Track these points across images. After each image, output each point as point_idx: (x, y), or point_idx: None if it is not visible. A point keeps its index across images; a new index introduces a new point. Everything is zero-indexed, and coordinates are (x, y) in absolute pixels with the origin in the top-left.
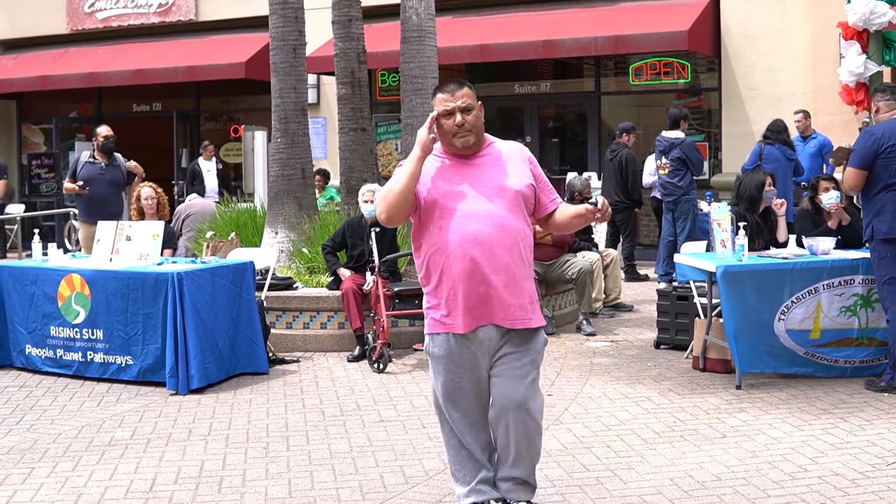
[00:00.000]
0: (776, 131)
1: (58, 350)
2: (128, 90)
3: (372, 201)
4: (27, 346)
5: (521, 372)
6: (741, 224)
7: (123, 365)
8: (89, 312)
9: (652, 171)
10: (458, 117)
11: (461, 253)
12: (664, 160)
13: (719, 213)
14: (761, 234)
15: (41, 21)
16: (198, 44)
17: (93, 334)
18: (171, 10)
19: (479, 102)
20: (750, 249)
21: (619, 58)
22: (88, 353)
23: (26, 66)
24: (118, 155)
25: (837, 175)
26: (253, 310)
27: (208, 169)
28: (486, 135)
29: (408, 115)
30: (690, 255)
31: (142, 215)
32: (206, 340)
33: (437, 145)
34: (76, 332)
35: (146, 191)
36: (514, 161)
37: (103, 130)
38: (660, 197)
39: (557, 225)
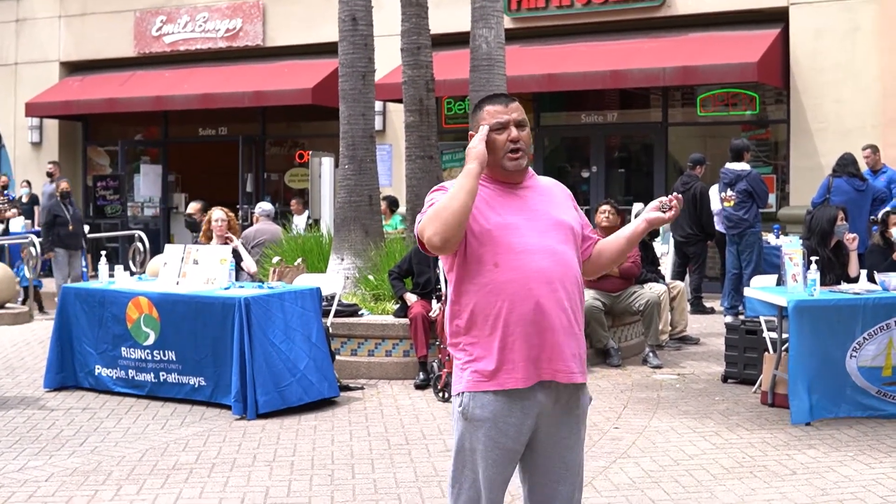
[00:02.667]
0: (844, 164)
1: (130, 371)
2: (194, 114)
3: None
4: (97, 366)
5: (573, 444)
6: (813, 258)
7: (196, 385)
8: (159, 334)
9: (715, 202)
10: (514, 131)
11: (524, 293)
12: (729, 192)
13: (791, 248)
14: (833, 268)
15: (108, 44)
16: (265, 69)
17: (164, 355)
18: (239, 36)
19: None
20: (821, 284)
21: (686, 88)
22: (161, 373)
23: (93, 88)
24: None
25: None
26: (320, 336)
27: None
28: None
29: None
30: (761, 289)
31: (209, 239)
32: (273, 366)
33: None
34: (148, 353)
35: (217, 213)
36: (558, 195)
37: None
38: (723, 230)
39: (602, 259)
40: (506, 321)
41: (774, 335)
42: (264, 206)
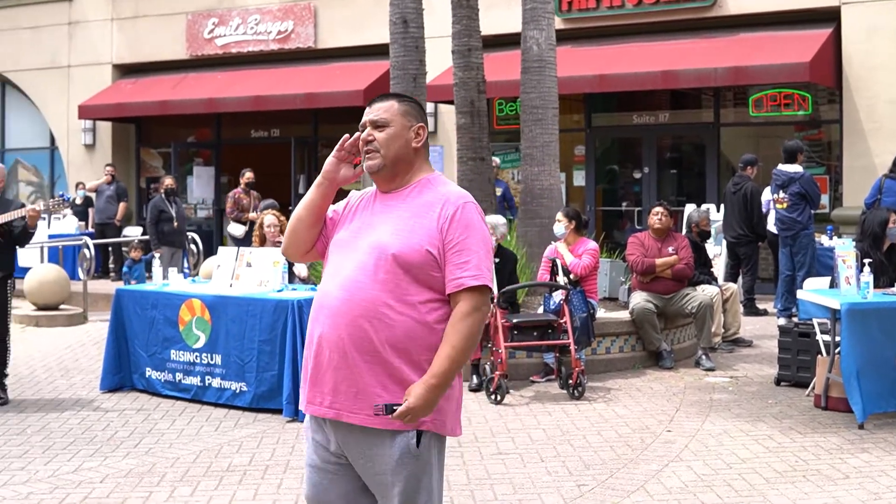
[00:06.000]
0: None
1: (177, 374)
2: (246, 116)
3: (490, 233)
4: (147, 368)
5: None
6: (866, 261)
7: (237, 391)
8: (209, 337)
9: (766, 204)
10: (366, 132)
11: (313, 320)
12: (782, 194)
13: (844, 250)
14: (885, 271)
15: (161, 46)
16: (316, 71)
17: (212, 359)
18: (291, 38)
19: (418, 124)
20: (874, 287)
21: (738, 89)
22: (206, 377)
23: (145, 90)
24: None
25: None
26: None
27: None
28: (432, 175)
29: (528, 146)
30: (814, 291)
31: (263, 242)
32: None
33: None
34: (196, 356)
35: (269, 218)
36: (426, 215)
37: None
38: (777, 231)
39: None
40: (306, 345)
41: (828, 338)
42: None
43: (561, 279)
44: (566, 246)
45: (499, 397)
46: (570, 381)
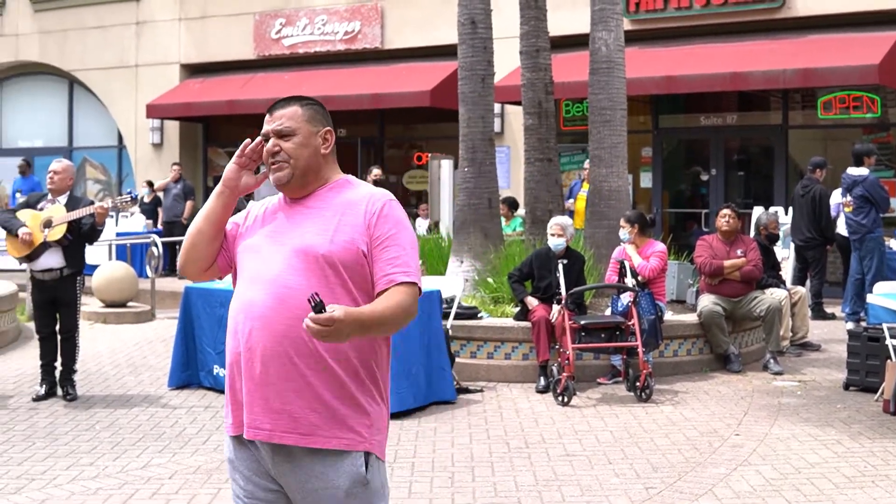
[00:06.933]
0: None
1: None
2: None
3: (559, 234)
4: (215, 366)
5: None
6: None
7: None
8: None
9: (836, 207)
10: (270, 143)
11: (233, 330)
12: (848, 197)
13: None
14: None
15: (228, 47)
16: (383, 71)
17: None
18: (358, 38)
19: (324, 129)
20: None
21: (807, 91)
22: None
23: (213, 90)
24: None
25: None
26: (441, 338)
27: None
28: (347, 176)
29: (596, 147)
30: (883, 295)
31: None
32: (398, 367)
33: None
34: None
35: None
36: (351, 212)
37: None
38: (846, 234)
39: None
40: (229, 361)
41: None
42: None
43: (629, 281)
44: (634, 248)
45: (566, 399)
46: (638, 384)
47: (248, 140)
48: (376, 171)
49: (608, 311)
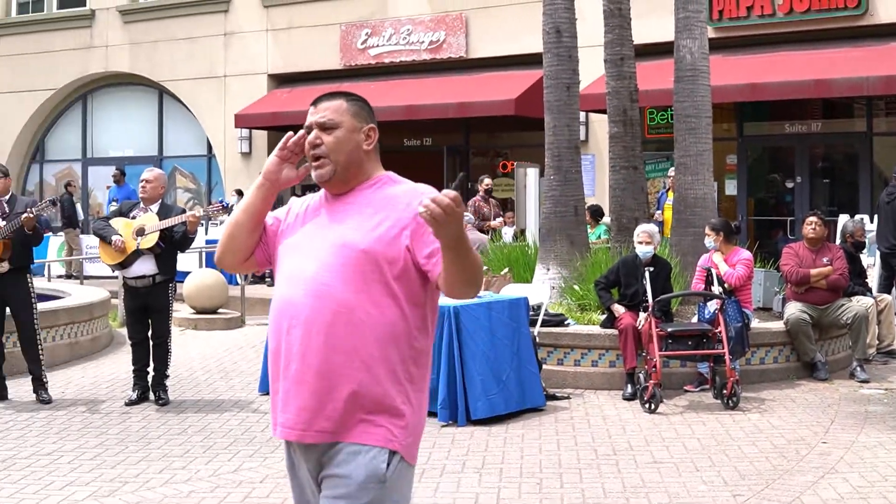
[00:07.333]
0: None
1: None
2: (399, 125)
3: (646, 242)
4: None
5: None
6: None
7: None
8: None
9: None
10: (312, 134)
11: (274, 328)
12: None
13: None
14: None
15: (315, 57)
16: (468, 80)
17: None
18: (443, 48)
19: (368, 125)
20: None
21: (891, 98)
22: None
23: (300, 99)
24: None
25: None
26: (529, 345)
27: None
28: (389, 173)
29: (681, 155)
30: None
31: None
32: (487, 373)
33: None
34: None
35: None
36: (393, 207)
37: None
38: None
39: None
40: (270, 360)
41: None
42: (467, 215)
43: (716, 289)
44: (720, 256)
45: (653, 406)
46: (725, 391)
47: (290, 133)
48: (487, 181)
49: (694, 319)
